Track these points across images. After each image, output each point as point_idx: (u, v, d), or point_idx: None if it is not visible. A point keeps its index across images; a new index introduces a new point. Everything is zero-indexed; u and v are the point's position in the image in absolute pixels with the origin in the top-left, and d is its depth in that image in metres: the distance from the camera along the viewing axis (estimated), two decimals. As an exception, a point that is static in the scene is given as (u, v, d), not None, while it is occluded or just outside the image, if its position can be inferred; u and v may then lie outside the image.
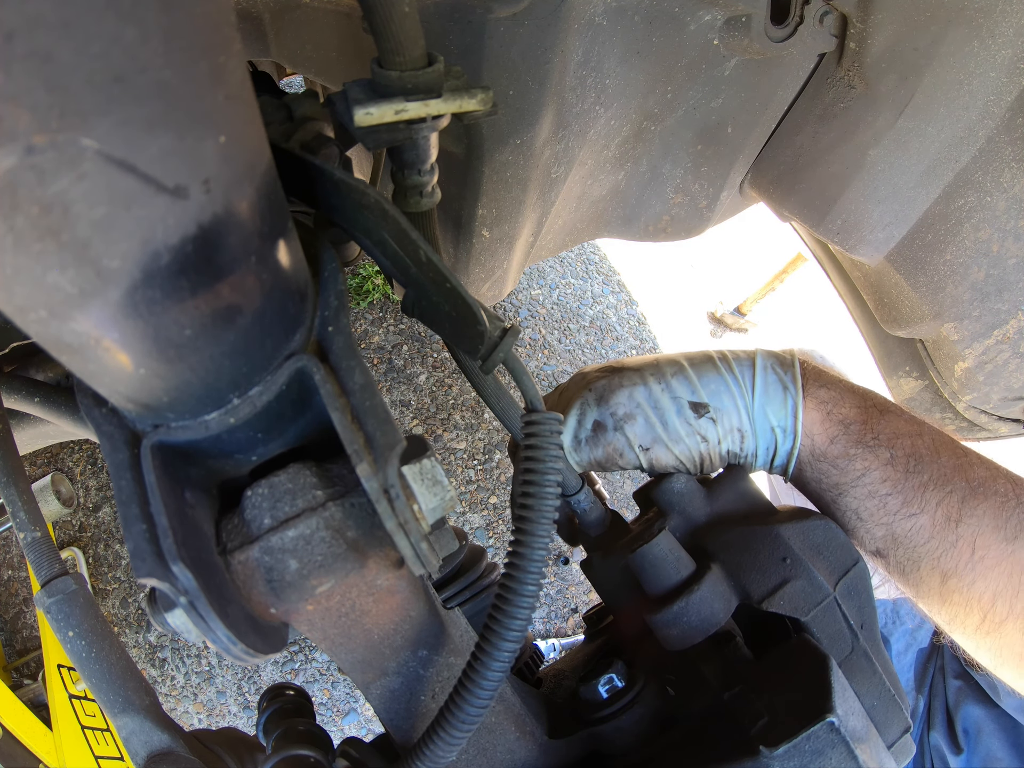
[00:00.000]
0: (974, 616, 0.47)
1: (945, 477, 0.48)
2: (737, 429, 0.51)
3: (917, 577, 0.49)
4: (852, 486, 0.50)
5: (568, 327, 2.67)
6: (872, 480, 0.50)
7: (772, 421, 0.51)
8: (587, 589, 2.15)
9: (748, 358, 0.53)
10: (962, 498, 0.47)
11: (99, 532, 1.98)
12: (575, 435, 0.55)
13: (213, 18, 0.21)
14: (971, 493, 0.47)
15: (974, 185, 0.82)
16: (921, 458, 0.48)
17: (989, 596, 0.46)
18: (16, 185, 0.18)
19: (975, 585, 0.47)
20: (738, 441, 0.52)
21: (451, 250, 0.89)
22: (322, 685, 1.87)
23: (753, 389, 0.51)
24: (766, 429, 0.52)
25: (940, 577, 0.48)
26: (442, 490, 0.35)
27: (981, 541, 0.46)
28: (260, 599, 0.36)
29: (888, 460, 0.49)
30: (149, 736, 0.44)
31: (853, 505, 0.51)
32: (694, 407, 0.51)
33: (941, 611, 0.50)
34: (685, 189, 0.97)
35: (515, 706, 0.48)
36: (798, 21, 0.74)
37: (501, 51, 0.61)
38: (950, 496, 0.47)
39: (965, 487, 0.47)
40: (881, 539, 0.50)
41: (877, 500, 0.50)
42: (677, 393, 0.52)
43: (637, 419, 0.52)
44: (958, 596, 0.48)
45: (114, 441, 0.33)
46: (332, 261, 0.36)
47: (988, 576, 0.46)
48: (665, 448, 0.52)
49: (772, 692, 0.41)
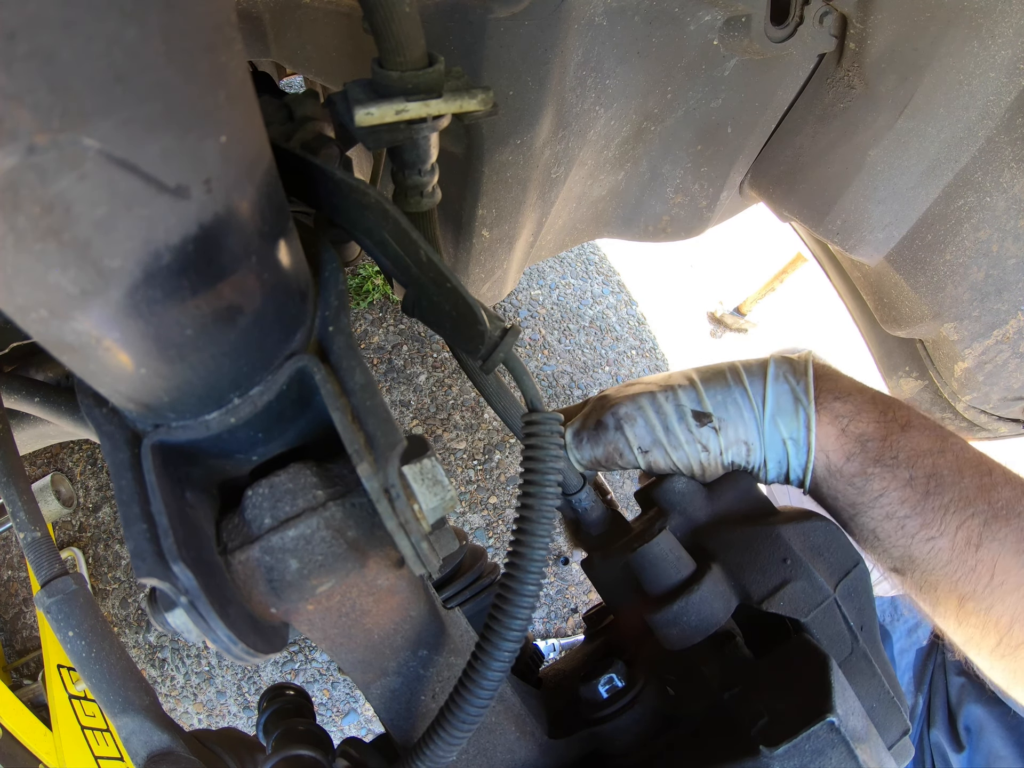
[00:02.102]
0: (990, 639, 0.46)
1: (967, 499, 0.46)
2: (743, 441, 0.51)
3: (935, 597, 0.48)
4: (869, 507, 0.49)
5: (568, 327, 2.67)
6: (890, 501, 0.48)
7: (783, 433, 0.50)
8: (587, 589, 2.15)
9: (760, 368, 0.52)
10: (984, 521, 0.46)
11: (99, 532, 1.98)
12: (576, 433, 0.55)
13: (214, 18, 0.21)
14: (994, 516, 0.46)
15: (974, 185, 0.82)
16: (943, 479, 0.47)
17: (1007, 620, 0.45)
18: (18, 184, 0.18)
19: (993, 609, 0.46)
20: (743, 453, 0.51)
21: (451, 250, 0.89)
22: (322, 685, 1.87)
23: (764, 401, 0.50)
24: (776, 441, 0.51)
25: (957, 600, 0.47)
26: (442, 490, 0.35)
27: (1001, 565, 0.45)
28: (260, 599, 0.36)
29: (907, 481, 0.47)
30: (149, 736, 0.44)
31: (871, 525, 0.50)
32: (697, 416, 0.51)
33: (957, 632, 0.49)
34: (685, 189, 0.97)
35: (515, 706, 0.48)
36: (798, 21, 0.74)
37: (501, 51, 0.61)
38: (971, 519, 0.46)
39: (987, 510, 0.46)
40: (899, 559, 0.49)
41: (895, 522, 0.48)
42: (681, 401, 0.52)
43: (637, 421, 0.52)
44: (975, 619, 0.47)
45: (115, 441, 0.33)
46: (332, 261, 0.36)
47: (1007, 600, 0.45)
48: (664, 452, 0.52)
49: (772, 692, 0.41)
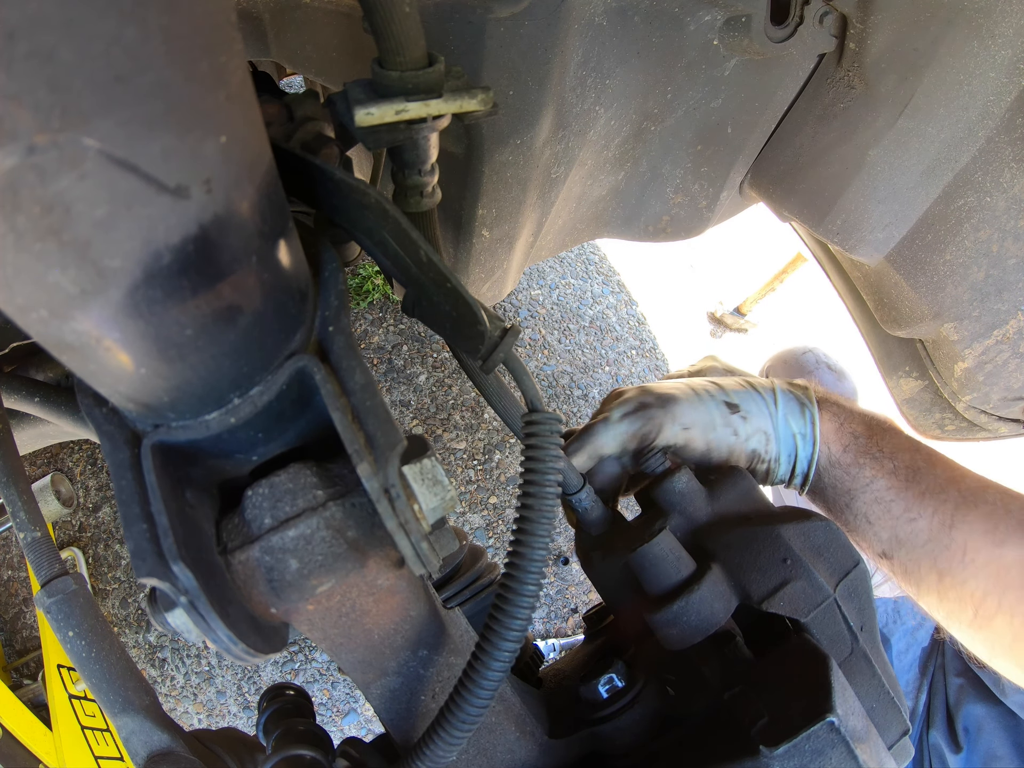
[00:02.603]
0: (967, 611, 0.52)
1: (940, 487, 0.54)
2: (763, 431, 0.57)
3: (918, 576, 0.54)
4: (861, 492, 0.56)
5: (568, 327, 2.67)
6: (879, 487, 0.56)
7: (793, 428, 0.58)
8: (587, 589, 2.15)
9: (768, 383, 0.61)
10: (955, 506, 0.53)
11: (99, 532, 1.98)
12: (623, 411, 0.58)
13: (214, 18, 0.21)
14: (963, 502, 0.53)
15: (974, 185, 0.82)
16: (919, 470, 0.55)
17: (980, 593, 0.51)
18: (18, 184, 0.18)
19: (967, 583, 0.52)
20: (763, 442, 0.57)
21: (451, 250, 0.89)
22: (322, 685, 1.87)
23: (776, 404, 0.58)
24: (788, 436, 0.58)
25: (937, 575, 0.53)
26: (442, 490, 0.35)
27: (972, 544, 0.52)
28: (261, 599, 0.36)
29: (892, 470, 0.55)
30: (149, 736, 0.44)
31: (863, 509, 0.57)
32: (728, 405, 0.57)
33: (940, 607, 0.55)
34: (685, 189, 0.97)
35: (515, 706, 0.48)
36: (798, 21, 0.74)
37: (501, 51, 0.61)
38: (944, 504, 0.53)
39: (957, 496, 0.53)
40: (887, 541, 0.56)
41: (883, 505, 0.56)
42: (713, 392, 0.59)
43: (680, 401, 0.57)
44: (953, 593, 0.53)
45: (115, 441, 0.33)
46: (333, 261, 0.36)
47: (979, 576, 0.51)
48: (701, 431, 0.57)
49: (772, 692, 0.41)
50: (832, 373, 1.61)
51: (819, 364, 1.63)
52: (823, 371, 1.62)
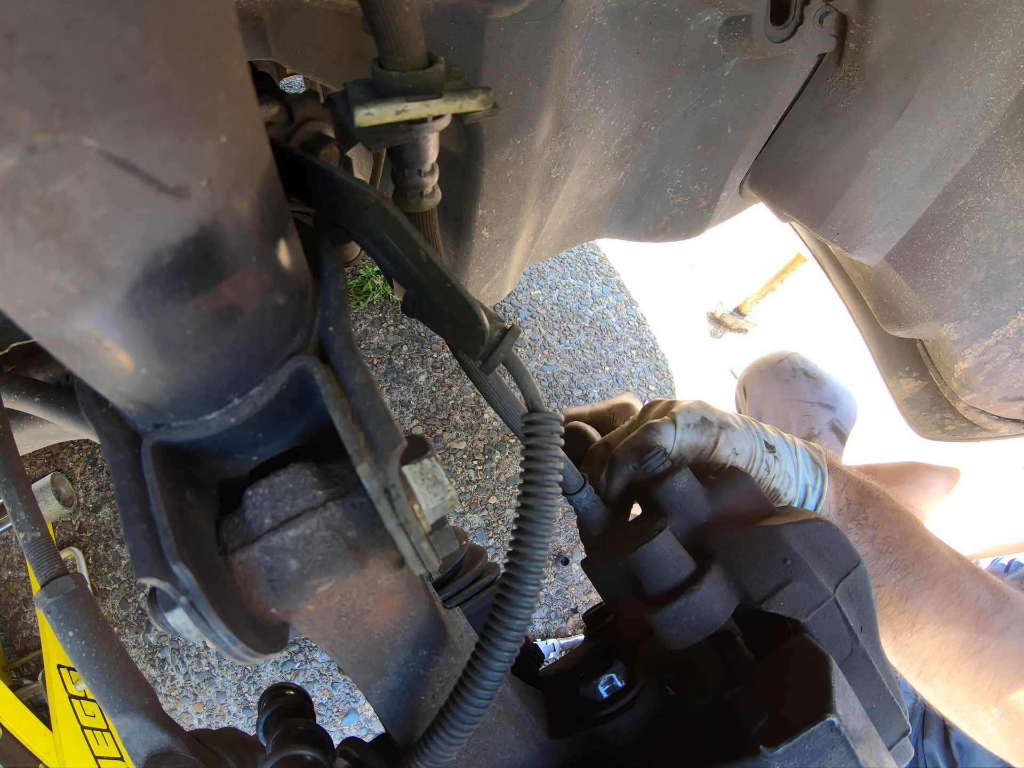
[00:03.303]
0: (914, 669, 0.62)
1: (908, 562, 0.61)
2: (788, 475, 0.62)
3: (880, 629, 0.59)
4: None
5: (568, 327, 2.67)
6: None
7: (806, 479, 0.63)
8: (587, 589, 2.15)
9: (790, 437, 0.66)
10: (915, 581, 0.61)
11: (99, 532, 1.98)
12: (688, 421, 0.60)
13: (214, 18, 0.21)
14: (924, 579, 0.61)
15: (974, 185, 0.82)
16: (893, 544, 0.62)
17: (923, 658, 0.61)
18: (18, 185, 0.18)
19: (912, 647, 0.61)
20: (786, 484, 0.62)
21: (451, 250, 0.89)
22: (322, 685, 1.87)
23: (797, 455, 0.63)
24: (803, 485, 0.63)
25: (892, 634, 0.62)
26: (442, 490, 0.35)
27: (922, 618, 0.60)
28: (260, 599, 0.36)
29: (870, 539, 0.62)
30: (149, 736, 0.44)
31: None
32: (767, 445, 0.62)
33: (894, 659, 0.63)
34: (685, 189, 0.97)
35: (515, 706, 0.48)
36: (798, 21, 0.74)
37: (501, 51, 0.61)
38: (906, 578, 0.61)
39: (919, 572, 0.61)
40: None
41: None
42: (757, 430, 0.63)
43: (735, 428, 0.61)
44: (904, 651, 0.62)
45: (114, 441, 0.33)
46: (333, 261, 0.36)
47: (924, 644, 0.60)
48: (746, 459, 0.60)
49: (772, 692, 0.41)
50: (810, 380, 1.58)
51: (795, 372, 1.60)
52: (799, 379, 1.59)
